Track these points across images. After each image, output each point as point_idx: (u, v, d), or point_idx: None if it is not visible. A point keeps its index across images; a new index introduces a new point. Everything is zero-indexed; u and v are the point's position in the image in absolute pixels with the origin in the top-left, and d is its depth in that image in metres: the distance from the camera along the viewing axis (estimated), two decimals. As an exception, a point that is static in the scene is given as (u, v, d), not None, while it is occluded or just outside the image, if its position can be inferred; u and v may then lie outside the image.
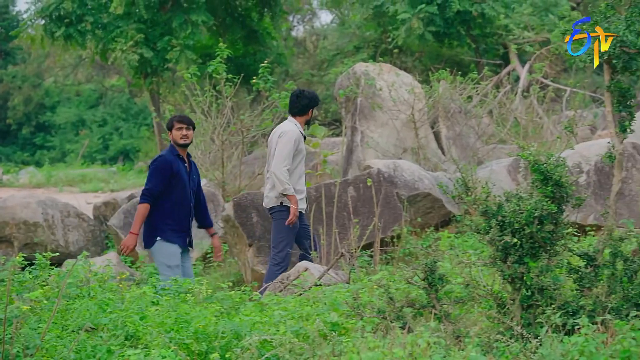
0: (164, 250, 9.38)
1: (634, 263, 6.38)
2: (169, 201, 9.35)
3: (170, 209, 9.37)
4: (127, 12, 27.16)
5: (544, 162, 6.30)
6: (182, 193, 9.43)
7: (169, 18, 27.99)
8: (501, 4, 25.21)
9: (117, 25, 27.81)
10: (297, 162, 10.03)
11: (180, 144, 9.49)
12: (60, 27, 27.63)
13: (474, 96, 18.04)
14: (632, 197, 11.74)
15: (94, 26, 28.24)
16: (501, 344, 5.66)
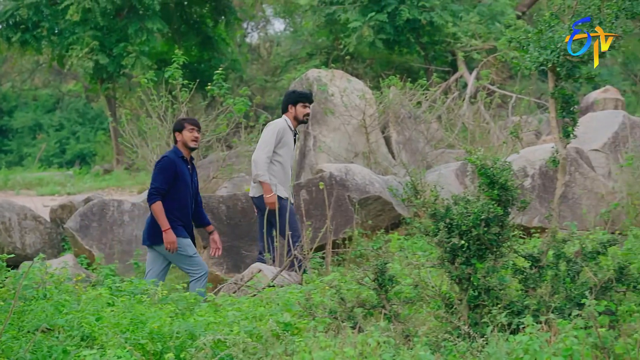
0: (179, 243, 9.41)
1: (576, 264, 6.44)
2: (176, 201, 9.41)
3: (177, 209, 9.44)
4: (83, 19, 27.02)
5: (490, 167, 6.34)
6: (185, 194, 9.51)
7: (125, 25, 27.88)
8: (449, 13, 25.35)
9: (73, 31, 27.67)
10: (281, 153, 10.29)
11: (192, 146, 9.58)
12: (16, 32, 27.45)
13: (423, 102, 18.12)
14: (575, 200, 11.85)
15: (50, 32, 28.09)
16: (449, 343, 5.69)
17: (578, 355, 4.88)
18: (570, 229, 10.08)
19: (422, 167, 14.68)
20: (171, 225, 9.28)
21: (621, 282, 6.37)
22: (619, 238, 7.72)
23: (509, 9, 26.71)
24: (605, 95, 22.43)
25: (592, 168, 12.40)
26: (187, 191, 9.52)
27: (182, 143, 9.56)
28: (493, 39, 24.88)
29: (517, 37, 7.96)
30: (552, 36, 7.68)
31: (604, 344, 5.14)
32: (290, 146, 10.33)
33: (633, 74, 36.84)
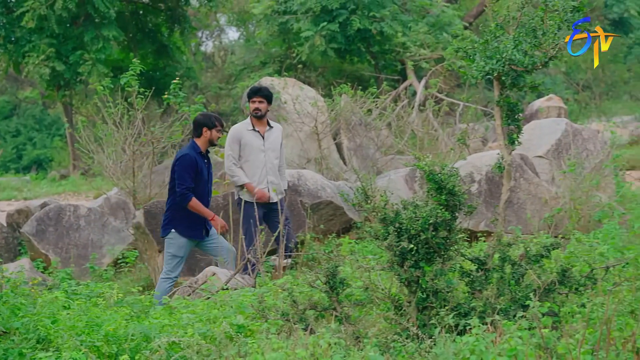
0: (175, 241, 9.67)
1: (520, 267, 6.49)
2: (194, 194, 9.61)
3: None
4: (39, 27, 26.81)
5: (438, 172, 6.37)
6: (202, 188, 9.79)
7: (81, 33, 27.70)
8: (399, 23, 25.46)
9: (29, 39, 27.43)
10: (245, 155, 10.38)
11: (215, 144, 10.01)
12: (-29, 40, 27.20)
13: (373, 109, 18.17)
14: (520, 205, 11.94)
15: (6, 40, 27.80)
16: (398, 344, 5.71)
17: (522, 355, 4.91)
18: (515, 233, 10.20)
19: (373, 172, 14.71)
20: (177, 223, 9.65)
21: (564, 285, 6.43)
22: (562, 242, 7.79)
23: (457, 19, 26.89)
24: (548, 104, 22.64)
25: (536, 174, 12.50)
26: (204, 185, 9.80)
27: (206, 139, 9.80)
28: (441, 48, 25.01)
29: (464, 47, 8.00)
30: (497, 46, 7.73)
31: (547, 344, 5.19)
32: (251, 144, 10.31)
33: (575, 83, 37.26)
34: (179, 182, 9.58)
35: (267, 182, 10.30)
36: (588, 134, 14.50)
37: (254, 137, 10.34)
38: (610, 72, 38.22)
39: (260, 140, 10.34)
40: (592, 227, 11.43)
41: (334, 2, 24.61)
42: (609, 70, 38.12)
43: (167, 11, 31.49)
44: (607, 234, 10.09)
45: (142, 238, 11.64)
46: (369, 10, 24.86)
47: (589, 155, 13.76)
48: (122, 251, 12.54)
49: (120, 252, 12.52)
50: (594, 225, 11.51)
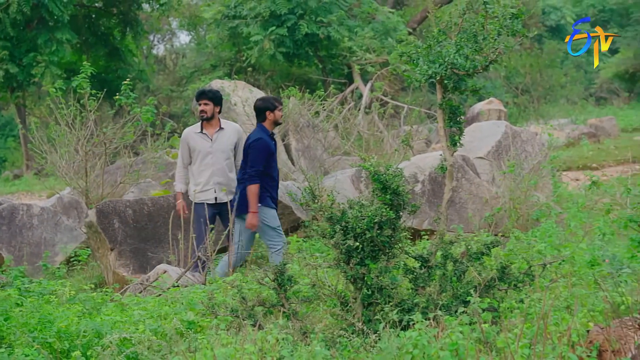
0: (267, 213, 9.82)
1: (462, 264, 6.53)
2: (268, 176, 9.86)
3: (269, 183, 9.85)
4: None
5: (383, 173, 6.38)
6: (275, 168, 10.00)
7: (35, 35, 27.40)
8: (345, 28, 25.51)
9: (-19, 42, 27.08)
10: (194, 158, 10.42)
11: (281, 122, 10.30)
12: None
13: (321, 112, 18.17)
14: (462, 205, 12.01)
15: (-40, 42, 27.46)
16: (344, 339, 5.72)
17: (463, 350, 4.94)
18: (457, 232, 10.26)
19: (320, 173, 14.72)
20: (262, 197, 9.71)
21: (503, 281, 6.48)
22: (502, 240, 7.84)
23: (401, 25, 27.00)
24: (489, 107, 22.83)
25: (477, 174, 12.58)
26: (276, 166, 9.96)
27: (271, 121, 9.99)
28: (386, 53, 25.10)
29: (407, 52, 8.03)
30: (440, 51, 7.77)
31: (487, 339, 5.22)
32: (198, 148, 10.29)
33: (515, 87, 37.59)
34: (251, 164, 9.72)
35: (214, 183, 10.25)
36: (527, 136, 14.63)
37: (201, 139, 10.30)
38: (548, 77, 38.60)
39: (208, 142, 10.30)
40: (530, 226, 11.53)
41: (282, 8, 24.59)
42: (546, 75, 38.51)
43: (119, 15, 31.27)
44: (544, 232, 10.19)
45: (94, 236, 11.54)
46: (317, 15, 24.87)
47: (528, 157, 13.88)
48: (75, 249, 12.40)
49: (73, 251, 12.38)
50: (532, 223, 11.61)
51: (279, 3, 24.65)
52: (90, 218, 11.46)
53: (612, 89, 46.54)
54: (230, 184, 10.37)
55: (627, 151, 21.78)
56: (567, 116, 32.87)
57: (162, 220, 11.34)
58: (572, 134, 26.69)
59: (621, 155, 22.46)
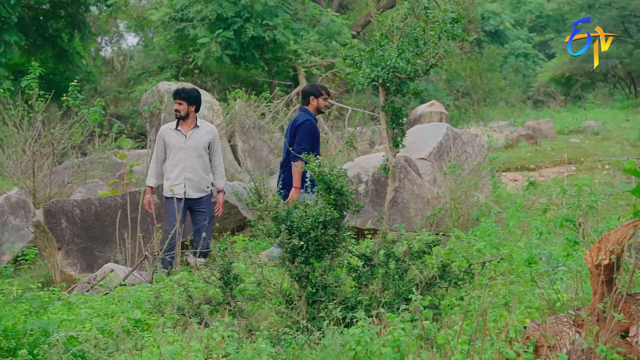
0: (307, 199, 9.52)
1: (404, 263, 6.56)
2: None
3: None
4: (-59, 31, 26.06)
5: (327, 173, 6.39)
6: (317, 152, 10.07)
7: (-18, 37, 27.02)
8: (291, 31, 25.51)
9: None
10: (168, 153, 10.37)
11: (323, 111, 10.33)
12: None
13: (267, 113, 18.17)
14: (404, 205, 12.06)
15: None
16: (289, 336, 5.71)
17: (404, 346, 4.96)
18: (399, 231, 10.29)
19: (266, 173, 14.72)
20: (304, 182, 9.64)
21: (444, 279, 6.53)
22: (442, 239, 7.89)
23: (345, 29, 27.08)
24: (431, 109, 22.97)
25: (419, 175, 12.64)
26: (319, 150, 10.08)
27: (314, 107, 10.15)
28: (331, 56, 25.17)
29: (351, 55, 8.05)
30: (382, 54, 7.80)
31: (428, 335, 5.25)
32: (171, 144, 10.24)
33: (455, 90, 37.90)
34: (298, 143, 9.82)
35: (184, 178, 10.20)
36: (467, 137, 14.75)
37: (176, 135, 10.26)
38: (487, 80, 38.99)
39: (182, 138, 10.25)
40: (470, 225, 11.62)
41: (228, 11, 24.52)
42: (486, 78, 38.90)
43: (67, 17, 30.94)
44: (484, 231, 10.28)
45: (41, 236, 11.42)
46: (263, 18, 24.83)
47: (468, 158, 13.99)
48: (22, 249, 12.27)
49: (20, 250, 12.24)
50: (472, 223, 11.70)
51: (225, 6, 24.58)
52: (37, 218, 11.34)
53: (548, 93, 47.15)
54: (200, 181, 10.30)
55: (563, 153, 22.03)
56: (505, 118, 33.20)
57: (109, 219, 11.25)
58: (511, 135, 26.94)
59: (557, 156, 22.72)
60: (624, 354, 4.49)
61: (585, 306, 4.98)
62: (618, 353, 4.48)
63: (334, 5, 32.48)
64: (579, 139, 26.97)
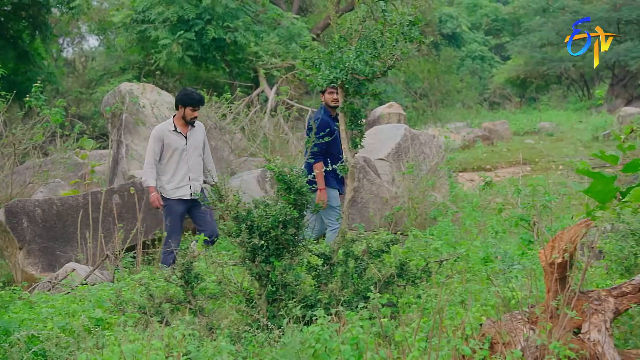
0: (328, 194, 9.95)
1: (363, 261, 6.57)
2: (330, 156, 9.81)
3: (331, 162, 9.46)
4: None
5: (287, 173, 6.39)
6: (336, 147, 9.75)
7: (-57, 38, 26.70)
8: (252, 33, 25.45)
9: None
10: (168, 155, 10.14)
11: (332, 105, 10.08)
12: None
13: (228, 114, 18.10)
14: (363, 204, 12.09)
15: None
16: (249, 334, 5.71)
17: (363, 343, 4.97)
18: (359, 230, 10.32)
19: (227, 173, 14.67)
20: (325, 178, 9.87)
21: (402, 277, 6.55)
22: (401, 238, 7.93)
23: (305, 31, 27.07)
24: (389, 110, 23.06)
25: (378, 175, 12.68)
26: (338, 144, 9.72)
27: (326, 102, 10.18)
28: (291, 58, 25.13)
29: (310, 57, 8.06)
30: (341, 56, 7.81)
31: (386, 333, 5.27)
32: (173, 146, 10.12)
33: (413, 92, 38.05)
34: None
35: (190, 179, 10.12)
36: (425, 138, 14.81)
37: (176, 137, 10.11)
38: (445, 82, 39.18)
39: (183, 140, 10.13)
40: (428, 224, 11.67)
41: (190, 13, 24.41)
42: (443, 80, 39.09)
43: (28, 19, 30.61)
44: (441, 230, 10.33)
45: (2, 235, 11.30)
46: (224, 20, 24.74)
47: (426, 158, 14.05)
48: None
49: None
50: (430, 222, 11.75)
51: (186, 8, 24.47)
52: (-1, 218, 11.22)
53: (504, 95, 47.51)
54: (200, 179, 10.28)
55: (518, 153, 22.20)
56: (462, 120, 33.39)
57: (71, 219, 11.16)
58: (468, 136, 27.11)
59: (513, 157, 22.90)
60: (576, 350, 4.54)
61: (539, 303, 5.02)
62: (570, 349, 4.52)
63: (294, 8, 32.46)
64: (534, 140, 27.20)
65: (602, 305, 4.80)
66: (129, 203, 11.53)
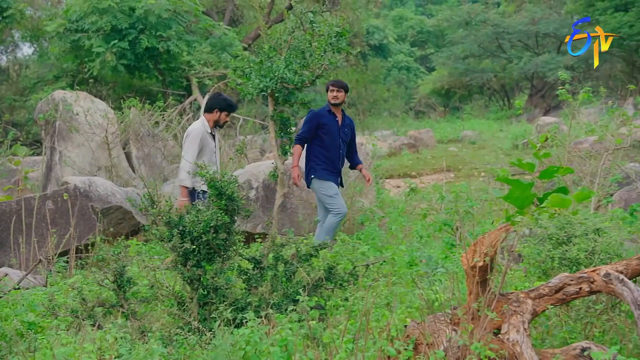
0: (320, 184, 9.91)
1: (292, 265, 6.58)
2: (318, 147, 9.97)
3: (320, 153, 9.92)
4: None
5: (219, 180, 6.37)
6: (330, 141, 10.03)
7: None
8: (184, 43, 25.30)
9: None
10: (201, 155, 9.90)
11: (332, 102, 9.95)
12: None
13: (160, 122, 18.00)
14: (293, 210, 12.10)
15: None
16: (180, 337, 5.67)
17: (292, 345, 4.97)
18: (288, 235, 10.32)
19: (160, 180, 14.57)
20: (314, 170, 9.93)
21: (330, 281, 6.57)
22: (329, 242, 7.95)
23: (237, 41, 27.01)
24: (319, 119, 23.05)
25: (307, 181, 12.70)
26: (333, 138, 10.01)
27: (329, 99, 9.99)
28: (223, 67, 25.04)
29: (241, 67, 8.07)
30: (271, 66, 7.84)
31: (314, 335, 5.27)
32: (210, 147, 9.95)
33: (342, 101, 38.07)
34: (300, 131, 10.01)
35: None
36: (351, 146, 14.86)
37: (209, 138, 9.95)
38: (372, 92, 39.45)
39: (213, 141, 9.98)
40: (355, 229, 11.73)
41: (123, 22, 24.18)
42: (370, 90, 39.35)
43: (-38, 26, 30.10)
44: (368, 235, 10.39)
45: None
46: (157, 30, 24.56)
47: (353, 165, 14.10)
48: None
49: None
50: (357, 227, 11.81)
51: (120, 18, 24.25)
52: None
53: (429, 104, 47.96)
54: None
55: (442, 161, 22.44)
56: (389, 128, 33.63)
57: (4, 224, 10.96)
58: (394, 144, 27.29)
59: (437, 164, 23.12)
60: (496, 350, 4.59)
61: (461, 305, 5.07)
62: (491, 349, 4.57)
63: (226, 19, 32.38)
64: (457, 148, 27.49)
65: (521, 306, 4.87)
66: (62, 209, 11.38)
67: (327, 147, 9.98)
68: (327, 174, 10.03)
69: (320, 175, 9.97)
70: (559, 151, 11.78)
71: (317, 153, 10.01)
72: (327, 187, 9.98)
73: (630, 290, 4.58)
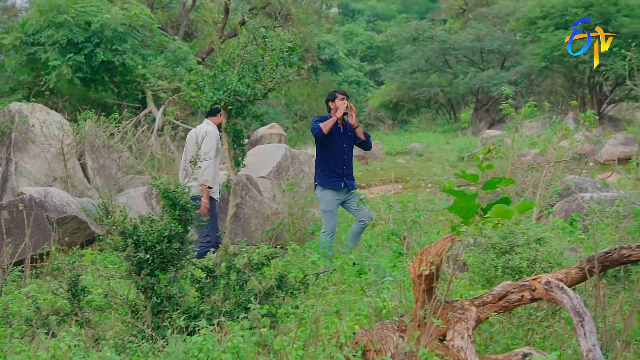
0: (321, 196, 10.25)
1: (244, 274, 6.56)
2: (323, 154, 10.18)
3: (324, 160, 10.10)
4: None
5: (173, 190, 6.34)
6: (334, 147, 10.20)
7: None
8: (140, 56, 25.15)
9: None
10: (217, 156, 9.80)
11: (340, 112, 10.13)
12: None
13: (116, 133, 17.87)
14: (246, 220, 12.06)
15: None
16: (134, 344, 5.62)
17: (243, 352, 4.95)
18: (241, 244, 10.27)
19: (115, 190, 14.46)
20: (318, 176, 10.23)
21: (281, 289, 6.56)
22: (281, 252, 7.94)
23: (191, 55, 26.95)
24: (271, 131, 23.10)
25: (259, 192, 12.68)
26: (336, 144, 10.21)
27: (333, 109, 10.23)
28: (177, 80, 24.95)
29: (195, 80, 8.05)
30: (224, 79, 7.82)
31: (265, 342, 5.26)
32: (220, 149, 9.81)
33: (294, 113, 38.24)
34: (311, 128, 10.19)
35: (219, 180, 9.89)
36: (304, 157, 14.90)
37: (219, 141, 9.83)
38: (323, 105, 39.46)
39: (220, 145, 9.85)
40: (306, 239, 11.73)
41: (79, 36, 23.98)
42: (322, 103, 39.33)
43: None
44: (318, 244, 10.38)
45: None
46: (112, 44, 24.38)
47: (305, 177, 14.13)
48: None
49: None
50: (308, 236, 11.82)
51: (76, 32, 24.04)
52: None
53: (378, 117, 48.13)
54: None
55: (391, 172, 22.54)
56: (339, 140, 33.61)
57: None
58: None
59: (386, 175, 23.21)
60: (441, 356, 4.61)
61: (408, 313, 5.09)
62: (437, 355, 4.60)
63: (180, 33, 32.29)
64: (405, 160, 27.63)
65: (465, 314, 4.90)
66: (17, 219, 11.23)
67: (331, 154, 10.13)
68: (329, 180, 10.16)
69: (321, 182, 10.16)
70: (503, 163, 11.91)
71: (321, 160, 10.22)
72: (324, 201, 10.16)
73: (569, 298, 4.63)
